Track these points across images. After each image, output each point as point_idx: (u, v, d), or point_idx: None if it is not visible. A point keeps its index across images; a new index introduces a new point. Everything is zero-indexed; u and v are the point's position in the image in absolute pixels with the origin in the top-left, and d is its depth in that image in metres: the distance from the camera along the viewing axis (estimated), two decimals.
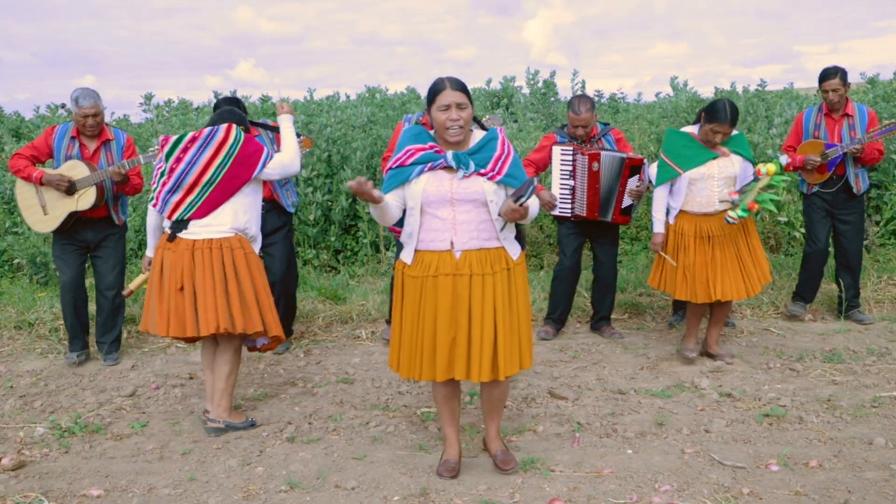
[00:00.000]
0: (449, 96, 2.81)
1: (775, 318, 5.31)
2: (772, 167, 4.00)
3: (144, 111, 8.22)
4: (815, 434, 3.42)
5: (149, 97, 8.11)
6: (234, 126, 3.53)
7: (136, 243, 6.45)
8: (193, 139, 3.47)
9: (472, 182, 2.84)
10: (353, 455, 3.32)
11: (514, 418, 3.69)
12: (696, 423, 3.56)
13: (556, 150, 4.72)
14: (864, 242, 6.49)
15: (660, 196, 4.33)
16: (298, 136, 4.51)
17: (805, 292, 5.22)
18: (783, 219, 6.21)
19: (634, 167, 4.59)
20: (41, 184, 4.40)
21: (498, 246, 2.90)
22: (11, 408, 3.99)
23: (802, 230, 6.46)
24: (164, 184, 3.48)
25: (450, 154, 2.85)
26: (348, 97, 9.24)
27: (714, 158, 4.15)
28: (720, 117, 4.04)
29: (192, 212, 3.44)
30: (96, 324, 4.78)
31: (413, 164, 2.87)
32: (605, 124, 4.89)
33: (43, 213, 4.46)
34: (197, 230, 3.45)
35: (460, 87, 2.84)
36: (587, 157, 4.62)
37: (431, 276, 2.87)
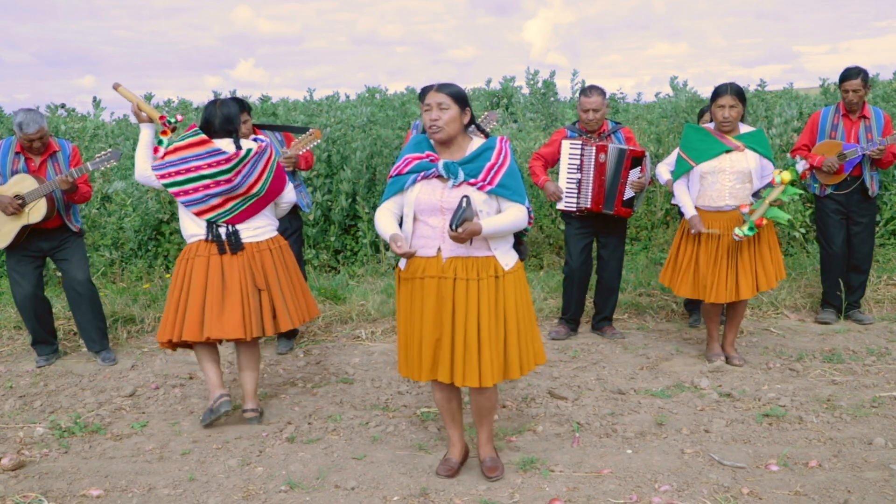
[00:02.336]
0: (430, 97, 2.83)
1: (775, 318, 5.32)
2: (787, 175, 3.97)
3: None
4: (814, 434, 3.42)
5: (148, 97, 8.10)
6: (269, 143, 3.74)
7: (136, 243, 6.44)
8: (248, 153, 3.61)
9: (461, 192, 2.83)
10: (353, 455, 3.32)
11: (514, 418, 3.69)
12: (695, 423, 3.56)
13: (566, 143, 4.76)
14: None
15: (680, 189, 4.30)
16: (306, 128, 4.58)
17: (834, 300, 5.19)
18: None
19: (636, 158, 4.62)
20: None
21: (488, 255, 2.89)
22: (11, 408, 3.99)
23: (802, 230, 6.46)
24: (211, 186, 3.52)
25: (440, 163, 2.86)
26: (348, 97, 9.24)
27: (727, 152, 4.13)
28: (721, 90, 4.11)
29: (227, 217, 3.58)
30: (79, 328, 4.73)
31: (409, 172, 2.92)
32: (617, 123, 4.91)
33: None
34: (248, 234, 3.63)
35: (446, 89, 2.83)
36: (595, 147, 4.66)
37: (419, 278, 2.91)
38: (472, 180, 2.83)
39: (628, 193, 4.67)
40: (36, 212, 4.37)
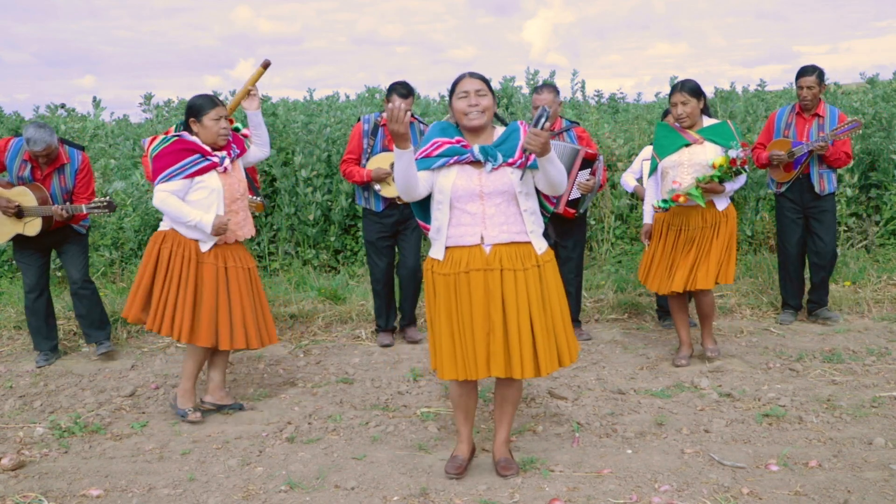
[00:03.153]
0: (467, 84, 2.86)
1: (775, 317, 5.31)
2: (717, 160, 4.07)
3: (144, 111, 8.20)
4: (814, 434, 3.42)
5: (148, 97, 8.09)
6: (160, 136, 3.77)
7: (136, 243, 6.45)
8: None
9: (500, 174, 2.85)
10: (353, 455, 3.32)
11: (514, 418, 3.68)
12: (695, 423, 3.55)
13: None
14: (864, 242, 6.51)
15: (648, 187, 4.47)
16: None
17: (790, 299, 5.25)
18: None
19: (587, 160, 4.56)
20: None
21: (526, 241, 2.90)
22: (11, 408, 3.99)
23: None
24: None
25: (476, 148, 2.85)
26: (348, 97, 9.23)
27: (686, 146, 4.18)
28: (673, 88, 4.17)
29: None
30: (79, 322, 4.83)
31: (439, 155, 2.88)
32: (573, 122, 4.88)
33: None
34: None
35: (480, 77, 2.90)
36: None
37: (463, 272, 2.86)
38: (510, 160, 2.84)
39: (574, 194, 4.60)
40: (31, 227, 4.46)
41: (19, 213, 4.41)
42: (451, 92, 2.91)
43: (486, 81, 2.90)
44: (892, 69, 16.46)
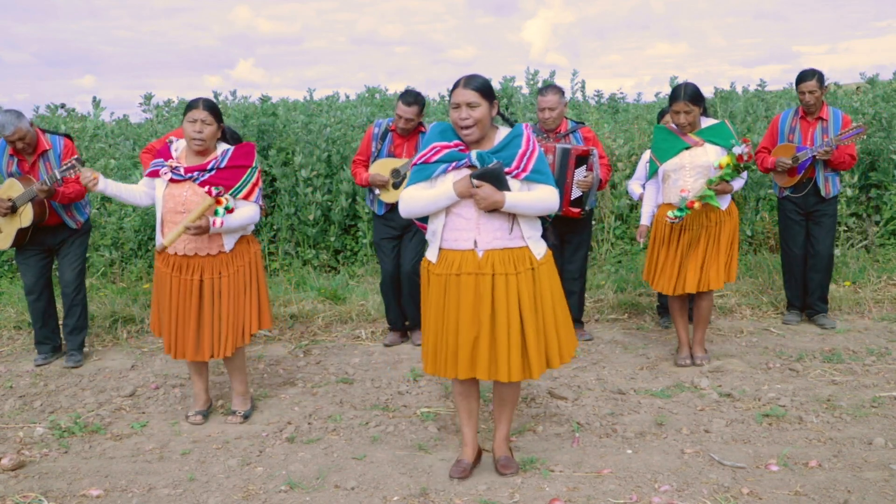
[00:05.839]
0: (459, 95, 2.81)
1: (775, 317, 5.32)
2: (724, 160, 4.06)
3: (144, 111, 8.21)
4: (814, 434, 3.42)
5: (148, 97, 8.10)
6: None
7: (136, 243, 6.45)
8: None
9: None
10: (353, 455, 3.32)
11: (514, 418, 3.68)
12: (695, 423, 3.56)
13: None
14: (864, 243, 6.51)
15: (648, 191, 4.45)
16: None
17: (795, 300, 5.25)
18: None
19: (581, 157, 4.54)
20: None
21: (522, 245, 2.89)
22: (11, 408, 3.99)
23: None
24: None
25: (474, 153, 2.84)
26: (348, 97, 9.23)
27: (686, 149, 4.18)
28: (675, 95, 4.14)
29: None
30: (63, 326, 4.82)
31: (438, 161, 2.87)
32: (579, 122, 4.88)
33: None
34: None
35: (474, 85, 2.82)
36: (543, 149, 4.59)
37: (454, 274, 2.87)
38: (506, 169, 2.82)
39: (576, 193, 4.59)
40: (26, 216, 4.46)
41: (14, 209, 4.42)
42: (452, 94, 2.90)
43: (482, 89, 2.82)
44: (892, 69, 16.47)
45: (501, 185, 2.77)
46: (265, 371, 4.52)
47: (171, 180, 3.49)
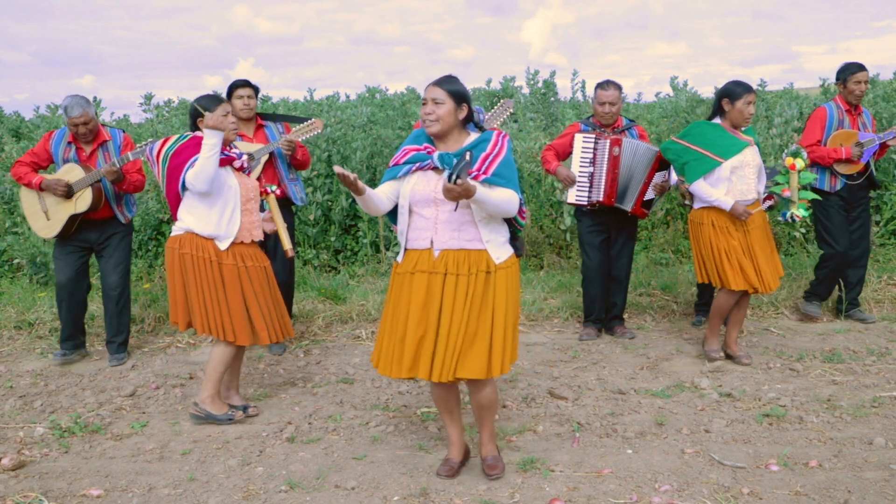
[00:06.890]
0: (428, 91, 2.88)
1: (775, 317, 5.32)
2: (800, 162, 4.16)
3: (144, 111, 8.22)
4: (815, 434, 3.42)
5: (149, 97, 8.10)
6: (174, 137, 3.66)
7: (136, 243, 6.44)
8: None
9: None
10: (353, 455, 3.32)
11: (514, 418, 3.69)
12: (696, 423, 3.56)
13: (579, 137, 4.76)
14: None
15: (703, 187, 4.22)
16: (308, 118, 4.57)
17: (822, 291, 5.17)
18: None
19: (665, 161, 4.57)
20: (41, 189, 4.45)
21: (480, 248, 2.88)
22: (11, 408, 3.99)
23: (802, 230, 6.46)
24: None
25: (435, 154, 2.88)
26: (348, 97, 9.24)
27: (747, 147, 4.22)
28: (749, 87, 4.18)
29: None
30: (105, 324, 4.78)
31: (405, 162, 2.94)
32: (631, 120, 4.91)
33: (46, 218, 4.51)
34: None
35: (444, 85, 2.86)
36: (609, 141, 4.65)
37: (409, 272, 2.91)
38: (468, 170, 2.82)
39: (650, 194, 4.68)
40: (83, 201, 4.42)
41: (69, 193, 4.40)
42: None
43: (450, 90, 2.85)
44: (892, 69, 16.45)
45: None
46: (265, 371, 4.52)
47: (241, 167, 3.67)
